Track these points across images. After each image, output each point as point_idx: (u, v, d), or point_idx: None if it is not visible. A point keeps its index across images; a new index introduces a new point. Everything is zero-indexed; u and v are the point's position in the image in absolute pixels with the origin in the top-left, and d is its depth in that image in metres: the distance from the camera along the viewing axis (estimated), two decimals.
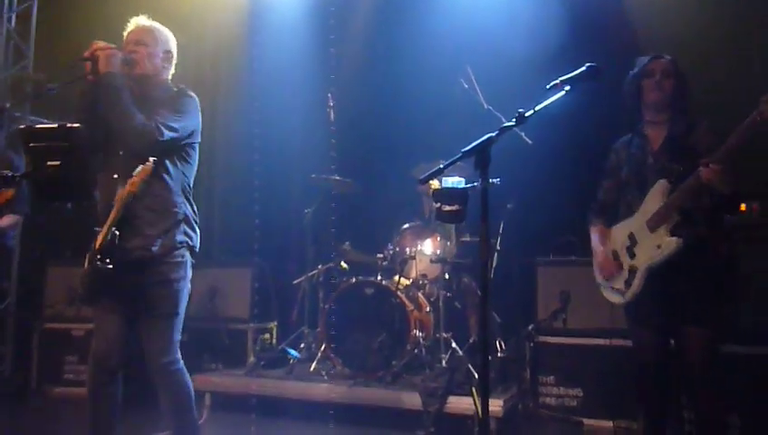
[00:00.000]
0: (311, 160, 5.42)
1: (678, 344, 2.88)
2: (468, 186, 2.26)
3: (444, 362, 4.40)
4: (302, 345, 5.00)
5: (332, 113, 5.19)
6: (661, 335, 2.94)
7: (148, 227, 2.78)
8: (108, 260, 2.65)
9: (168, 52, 3.02)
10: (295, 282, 5.30)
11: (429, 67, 5.38)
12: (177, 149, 2.90)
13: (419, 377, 4.33)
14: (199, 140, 3.03)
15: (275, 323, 5.68)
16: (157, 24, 3.03)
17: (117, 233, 2.69)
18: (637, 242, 2.94)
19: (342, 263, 5.11)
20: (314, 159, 5.35)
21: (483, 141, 2.18)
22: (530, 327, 4.49)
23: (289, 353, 4.97)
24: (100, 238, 2.71)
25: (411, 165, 5.07)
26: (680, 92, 2.95)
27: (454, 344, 4.51)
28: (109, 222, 2.71)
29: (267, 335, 5.55)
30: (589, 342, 4.20)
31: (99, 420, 2.86)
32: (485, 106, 4.48)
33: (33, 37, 5.57)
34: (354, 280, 4.72)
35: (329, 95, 5.21)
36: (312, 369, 4.65)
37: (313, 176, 5.08)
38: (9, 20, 5.45)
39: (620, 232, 3.03)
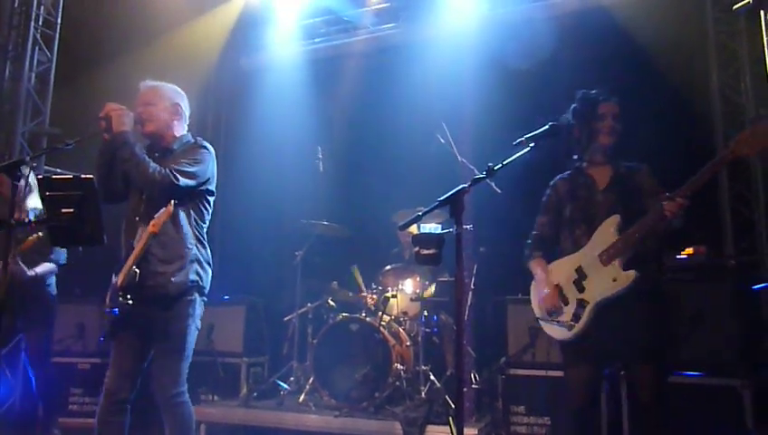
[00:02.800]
0: (301, 207, 5.46)
1: (628, 380, 2.80)
2: (444, 231, 2.29)
3: (423, 393, 4.36)
4: (292, 378, 4.93)
5: (321, 165, 5.26)
6: (599, 369, 2.82)
7: (162, 266, 2.79)
8: (129, 297, 2.67)
9: (176, 104, 3.05)
10: (286, 319, 5.26)
11: (409, 124, 5.49)
12: (193, 195, 2.92)
13: (400, 407, 4.29)
14: (214, 188, 3.05)
15: (267, 358, 5.61)
16: (161, 83, 3.07)
17: (137, 271, 2.71)
18: (586, 276, 2.80)
19: (330, 301, 5.09)
20: (304, 206, 5.39)
21: (456, 191, 2.23)
22: (501, 360, 4.48)
23: (280, 386, 4.91)
24: (122, 276, 2.72)
25: (392, 211, 5.13)
26: (619, 133, 2.88)
27: (432, 377, 4.48)
28: (131, 261, 2.72)
29: (259, 369, 5.48)
30: (556, 374, 4.20)
31: None
32: (459, 159, 4.56)
33: (51, 95, 5.60)
34: (340, 317, 4.70)
35: (318, 148, 5.29)
36: (301, 400, 4.59)
37: (303, 221, 5.11)
38: (29, 79, 5.49)
39: (565, 266, 2.89)
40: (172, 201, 2.71)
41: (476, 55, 5.52)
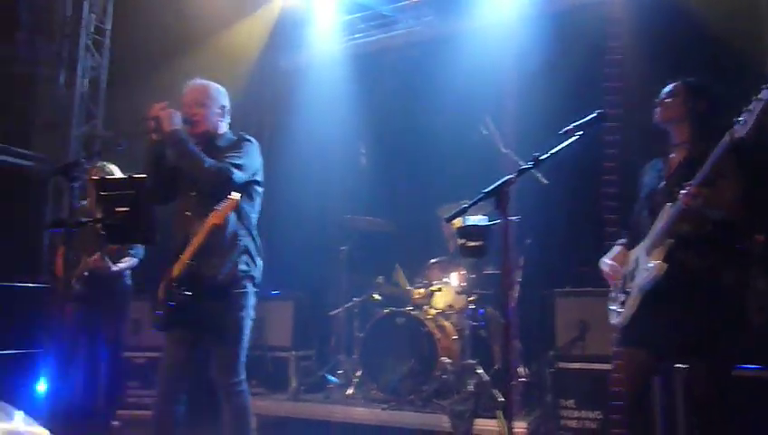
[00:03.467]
0: (345, 202, 5.49)
1: (683, 373, 2.71)
2: (490, 223, 2.26)
3: (470, 386, 4.33)
4: (340, 372, 4.98)
5: (364, 160, 5.28)
6: (650, 358, 2.73)
7: (214, 256, 2.84)
8: (184, 288, 2.73)
9: (224, 107, 3.12)
10: (333, 313, 5.31)
11: (451, 117, 5.43)
12: (243, 187, 2.96)
13: (448, 400, 4.28)
14: (262, 180, 3.10)
15: (315, 351, 5.68)
16: (210, 83, 3.11)
17: (193, 263, 2.77)
18: (638, 265, 2.78)
19: (375, 295, 5.11)
20: (348, 202, 5.42)
21: (502, 182, 2.20)
22: (550, 354, 4.42)
23: (328, 379, 4.97)
24: (177, 268, 2.79)
25: (436, 205, 5.10)
26: (694, 113, 2.75)
27: (479, 370, 4.44)
28: (188, 253, 2.77)
29: (307, 362, 5.55)
30: (606, 367, 4.11)
31: None
32: (503, 150, 4.50)
33: (103, 99, 5.79)
34: (386, 311, 4.72)
35: (360, 144, 5.32)
36: (349, 393, 4.63)
37: (347, 216, 5.15)
38: (82, 84, 5.69)
39: (632, 255, 2.86)
40: (236, 194, 2.72)
41: (518, 45, 5.42)
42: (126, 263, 4.42)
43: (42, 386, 3.69)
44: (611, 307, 2.90)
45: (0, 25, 6.17)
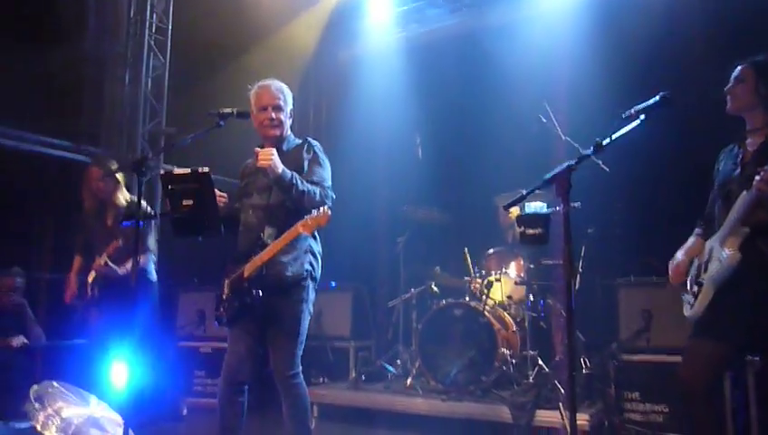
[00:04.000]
0: (402, 193, 5.51)
1: (762, 364, 2.61)
2: (550, 210, 2.23)
3: (531, 378, 4.29)
4: (399, 362, 5.01)
5: (420, 151, 5.28)
6: (723, 350, 2.61)
7: (282, 255, 2.90)
8: (256, 289, 2.82)
9: (292, 110, 3.17)
10: (390, 304, 5.35)
11: (508, 105, 5.37)
12: None
13: (508, 392, 4.25)
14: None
15: (374, 342, 5.74)
16: (284, 86, 3.13)
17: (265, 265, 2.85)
18: (712, 256, 2.67)
19: (433, 286, 5.11)
20: (406, 193, 5.44)
21: (563, 168, 2.15)
22: (613, 345, 4.31)
23: (387, 369, 5.01)
24: (249, 269, 2.87)
25: (494, 194, 5.05)
26: (767, 98, 2.62)
27: (540, 362, 4.39)
28: (265, 256, 2.84)
29: (366, 353, 5.62)
30: (673, 359, 3.98)
31: (227, 426, 2.99)
32: (563, 138, 4.40)
33: (166, 97, 5.99)
34: (444, 302, 4.71)
35: (417, 135, 5.31)
36: (408, 384, 4.65)
37: (405, 207, 5.16)
38: (146, 84, 5.90)
39: (707, 246, 2.74)
40: (327, 208, 2.77)
41: (573, 31, 5.31)
42: (143, 259, 4.20)
43: (118, 375, 3.85)
44: (685, 298, 2.81)
45: (69, 28, 6.49)
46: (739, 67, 2.74)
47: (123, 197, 4.21)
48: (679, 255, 2.89)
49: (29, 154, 5.58)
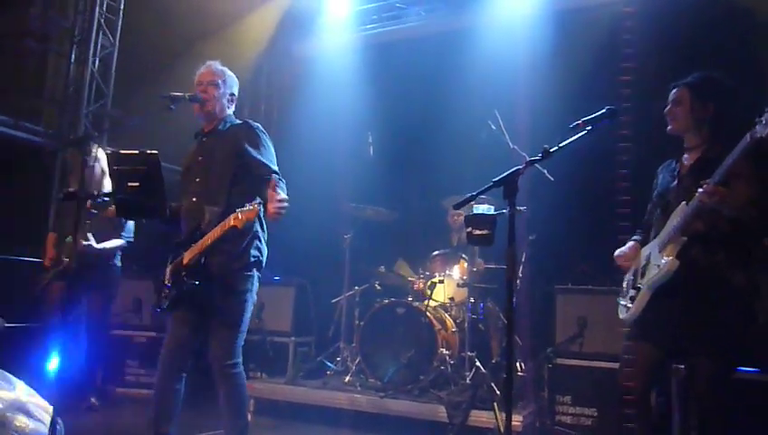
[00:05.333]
0: (351, 191, 5.51)
1: (687, 372, 2.74)
2: (497, 212, 2.29)
3: (468, 378, 4.37)
4: (338, 359, 5.01)
5: (372, 150, 5.30)
6: (658, 354, 2.75)
7: (226, 244, 2.84)
8: (194, 277, 2.75)
9: (233, 95, 3.16)
10: (334, 301, 5.34)
11: (460, 110, 5.45)
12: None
13: (445, 392, 4.32)
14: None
15: (314, 338, 5.71)
16: (226, 69, 3.14)
17: (204, 253, 2.79)
18: (649, 263, 2.79)
19: (377, 285, 5.14)
20: (354, 190, 5.44)
21: (511, 172, 2.23)
22: (548, 350, 4.44)
23: (327, 366, 5.01)
24: (188, 257, 2.80)
25: (442, 197, 5.12)
26: (701, 120, 2.75)
27: (477, 363, 4.48)
28: (201, 246, 2.78)
29: (306, 349, 5.59)
30: (604, 365, 4.14)
31: (162, 413, 2.92)
32: (511, 146, 4.52)
33: (113, 78, 5.80)
34: (387, 301, 4.75)
35: (369, 134, 5.33)
36: (346, 381, 4.66)
37: (353, 205, 5.17)
38: (93, 63, 5.70)
39: (643, 253, 2.89)
40: (258, 202, 2.69)
41: (529, 40, 5.45)
42: (111, 243, 4.37)
43: (53, 361, 3.73)
44: (621, 302, 2.93)
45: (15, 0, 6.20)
46: (674, 89, 2.87)
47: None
48: (619, 252, 3.02)
49: None
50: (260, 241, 3.02)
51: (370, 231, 5.40)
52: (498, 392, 4.18)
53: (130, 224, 4.45)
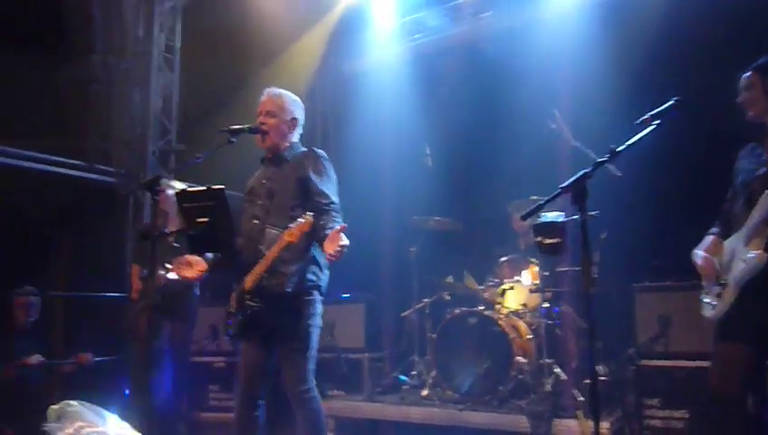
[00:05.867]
0: (413, 203, 5.50)
1: None
2: (567, 219, 2.22)
3: (548, 386, 4.26)
4: (414, 373, 4.98)
5: (430, 160, 5.28)
6: (750, 353, 2.59)
7: (283, 266, 2.89)
8: (256, 300, 2.80)
9: (295, 119, 3.16)
10: (404, 314, 5.32)
11: (517, 112, 5.36)
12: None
13: (525, 401, 4.22)
14: None
15: (387, 353, 5.71)
16: (285, 93, 3.16)
17: (265, 275, 2.84)
18: (734, 256, 2.64)
19: (446, 295, 5.09)
20: (416, 203, 5.42)
21: (579, 177, 2.15)
22: (630, 351, 4.28)
23: (402, 380, 4.99)
24: (249, 281, 2.85)
25: (505, 202, 5.04)
26: None
27: (557, 369, 4.36)
28: (262, 267, 2.83)
29: (380, 364, 5.59)
30: (693, 364, 3.94)
31: None
32: (573, 143, 4.40)
33: (176, 115, 6.02)
34: (458, 311, 4.69)
35: (426, 145, 5.32)
36: (424, 394, 4.63)
37: (416, 217, 5.16)
38: (156, 102, 5.93)
39: (728, 246, 2.72)
40: (309, 215, 2.74)
41: (582, 34, 5.29)
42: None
43: (136, 392, 3.88)
44: (705, 300, 2.79)
45: (77, 48, 6.55)
46: (744, 76, 2.76)
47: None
48: (699, 252, 2.85)
49: (42, 174, 5.63)
50: (316, 265, 3.02)
51: (435, 242, 5.36)
52: (581, 399, 4.05)
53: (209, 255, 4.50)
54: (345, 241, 2.66)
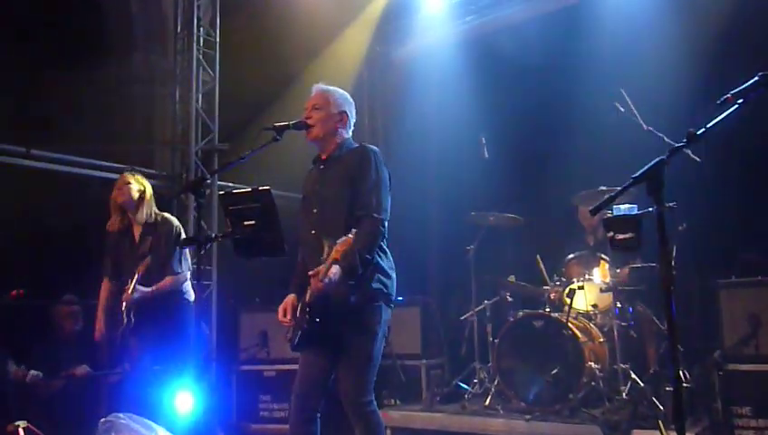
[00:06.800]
0: (469, 198, 5.45)
1: None
2: (642, 212, 2.15)
3: (624, 393, 4.16)
4: (475, 380, 4.95)
5: (486, 151, 5.21)
6: None
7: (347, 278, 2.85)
8: (317, 316, 2.82)
9: (343, 112, 3.14)
10: (462, 317, 5.28)
11: (580, 95, 5.26)
12: None
13: (599, 410, 4.14)
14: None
15: (446, 359, 5.69)
16: (332, 88, 3.16)
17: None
18: None
19: (508, 297, 5.03)
20: (473, 197, 5.38)
21: (654, 164, 2.07)
22: (716, 354, 4.12)
23: (462, 388, 4.96)
24: (309, 294, 2.86)
25: (571, 193, 4.93)
26: None
27: (633, 375, 4.25)
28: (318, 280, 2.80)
29: (439, 371, 5.58)
30: None
31: None
32: (645, 127, 4.27)
33: (217, 113, 6.14)
34: (522, 313, 4.64)
35: (481, 134, 5.26)
36: (486, 404, 4.59)
37: (473, 214, 5.11)
38: (197, 100, 6.06)
39: None
40: (354, 232, 2.73)
41: (651, 9, 5.15)
42: (166, 282, 4.12)
43: (182, 403, 3.96)
44: None
45: (119, 48, 6.78)
46: None
47: (148, 210, 4.13)
48: None
49: (83, 178, 5.85)
50: (383, 274, 3.01)
51: (494, 239, 5.30)
52: (662, 407, 3.94)
53: (183, 263, 4.24)
54: (324, 282, 2.73)
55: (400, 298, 5.50)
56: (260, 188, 2.75)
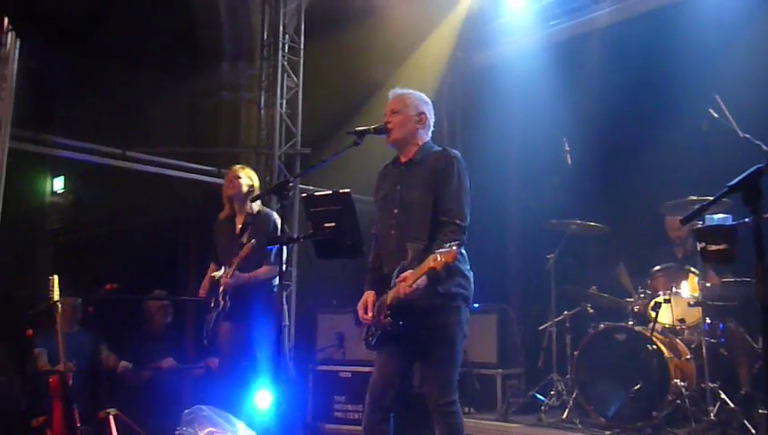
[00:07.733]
0: (551, 206, 5.34)
1: None
2: (737, 222, 2.04)
3: (712, 414, 3.95)
4: (552, 392, 4.82)
5: (569, 157, 5.10)
6: None
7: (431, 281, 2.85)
8: (399, 317, 2.83)
9: (421, 113, 3.14)
10: (541, 328, 5.17)
11: (670, 101, 5.07)
12: None
13: (685, 430, 3.97)
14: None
15: (522, 369, 5.58)
16: (409, 91, 3.17)
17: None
18: None
19: (589, 308, 4.88)
20: (555, 204, 5.26)
21: (751, 173, 1.97)
22: None
23: (539, 400, 4.86)
24: (391, 297, 2.88)
25: (658, 202, 4.74)
26: None
27: (723, 395, 4.03)
28: (404, 290, 2.79)
29: (515, 381, 5.48)
30: None
31: None
32: (741, 134, 4.05)
33: (300, 118, 6.29)
34: (603, 326, 4.49)
35: (564, 140, 5.14)
36: (564, 417, 4.48)
37: (554, 221, 5.00)
38: (281, 105, 6.24)
39: None
40: (456, 245, 2.70)
41: (750, 10, 4.90)
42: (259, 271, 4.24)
43: (262, 399, 4.05)
44: None
45: (208, 56, 7.09)
46: None
47: (253, 206, 4.24)
48: None
49: (173, 180, 6.13)
50: (462, 277, 3.00)
51: (576, 248, 5.17)
52: (754, 431, 3.72)
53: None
54: (410, 289, 2.73)
55: (476, 305, 5.50)
56: (340, 191, 2.80)
